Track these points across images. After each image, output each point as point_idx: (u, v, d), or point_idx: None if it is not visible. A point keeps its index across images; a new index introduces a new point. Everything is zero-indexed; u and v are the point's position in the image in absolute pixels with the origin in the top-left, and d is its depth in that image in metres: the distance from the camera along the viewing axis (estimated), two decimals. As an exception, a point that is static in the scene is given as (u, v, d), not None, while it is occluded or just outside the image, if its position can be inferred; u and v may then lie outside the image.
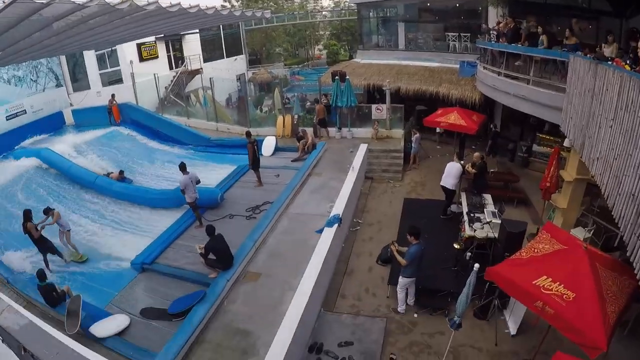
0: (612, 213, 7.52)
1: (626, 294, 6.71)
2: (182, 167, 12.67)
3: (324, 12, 53.95)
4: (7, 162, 18.37)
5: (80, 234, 13.55)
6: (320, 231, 11.28)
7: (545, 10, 18.86)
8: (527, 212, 14.50)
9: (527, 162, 17.92)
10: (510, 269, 7.37)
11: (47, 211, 12.37)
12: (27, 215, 11.82)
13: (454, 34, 23.74)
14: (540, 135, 17.60)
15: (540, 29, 13.97)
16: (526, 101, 13.75)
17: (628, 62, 8.23)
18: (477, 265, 7.25)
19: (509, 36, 15.56)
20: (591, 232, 11.29)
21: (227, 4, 46.54)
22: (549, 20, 18.10)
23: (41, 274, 9.56)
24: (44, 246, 11.92)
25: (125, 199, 15.86)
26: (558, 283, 6.48)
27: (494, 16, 20.09)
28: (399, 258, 9.35)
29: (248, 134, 15.65)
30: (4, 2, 7.09)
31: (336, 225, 11.35)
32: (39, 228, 11.76)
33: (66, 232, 12.57)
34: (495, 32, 16.88)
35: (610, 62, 8.64)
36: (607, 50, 10.39)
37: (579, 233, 11.13)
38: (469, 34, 22.98)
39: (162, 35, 27.71)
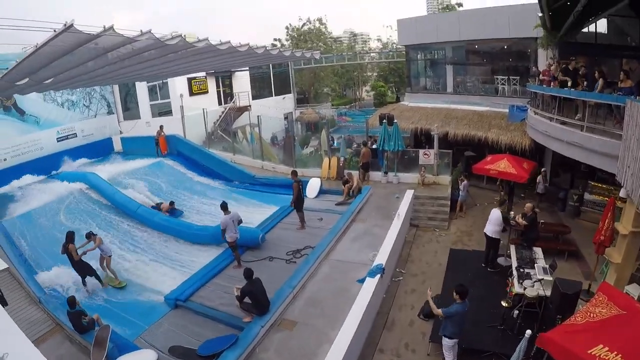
0: None
1: None
2: (224, 207, 12.75)
3: (372, 54, 54.59)
4: (54, 183, 19.29)
5: (116, 262, 13.68)
6: (362, 281, 10.87)
7: (595, 51, 18.42)
8: (578, 266, 13.66)
9: (579, 211, 17.14)
10: (564, 336, 6.79)
11: (89, 235, 12.77)
12: (70, 237, 12.19)
13: (503, 77, 23.46)
14: (593, 184, 16.86)
15: (597, 73, 13.43)
16: (580, 148, 13.12)
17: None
18: (528, 332, 6.76)
19: (560, 80, 15.09)
20: None
21: (277, 43, 48.11)
22: (599, 61, 17.53)
23: (72, 301, 9.70)
24: (83, 269, 12.24)
25: (165, 231, 16.07)
26: (615, 353, 5.91)
27: (544, 58, 19.67)
28: (432, 306, 8.81)
29: (294, 173, 15.68)
30: (55, 31, 7.42)
31: (378, 275, 10.95)
32: (79, 252, 12.11)
33: (107, 257, 12.84)
34: (546, 77, 16.38)
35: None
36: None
37: (634, 290, 10.39)
38: (518, 77, 22.67)
39: (213, 71, 28.56)
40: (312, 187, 19.21)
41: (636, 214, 9.89)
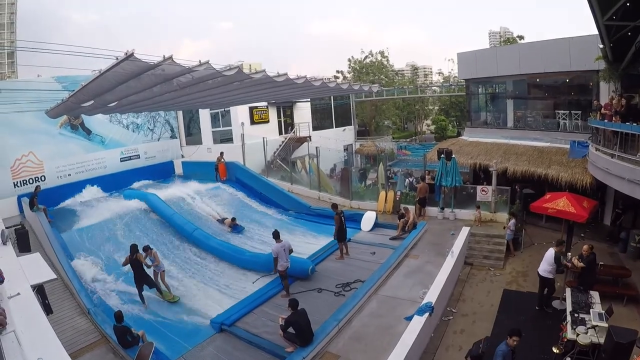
0: None
1: None
2: (276, 235, 13.10)
3: (433, 87, 54.46)
4: (117, 200, 20.58)
5: (168, 281, 14.18)
6: (410, 319, 10.73)
7: None
8: (637, 311, 12.83)
9: None
10: None
11: (146, 249, 13.53)
12: (135, 248, 12.92)
13: (564, 111, 22.81)
14: None
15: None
16: (642, 187, 12.54)
17: None
18: None
19: (622, 114, 14.63)
20: None
21: (339, 75, 48.92)
22: None
23: (119, 316, 10.19)
24: (145, 280, 12.93)
25: (218, 255, 16.63)
26: None
27: (606, 91, 19.16)
28: None
29: (334, 206, 16.08)
30: (117, 58, 8.09)
31: (427, 314, 10.82)
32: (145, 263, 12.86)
33: (161, 272, 13.60)
34: (608, 112, 15.88)
35: None
36: None
37: None
38: (579, 112, 22.01)
39: (274, 101, 29.37)
40: (367, 220, 19.28)
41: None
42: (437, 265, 13.89)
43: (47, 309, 9.14)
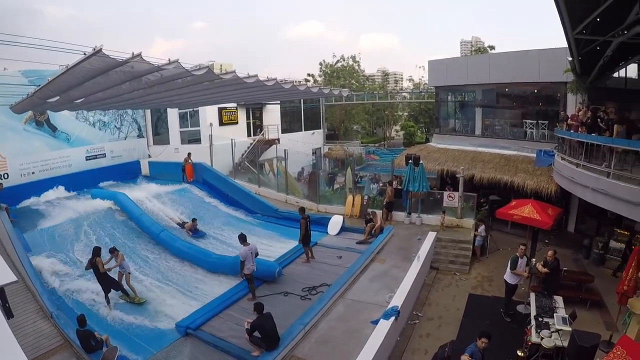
0: None
1: None
2: (243, 238, 12.94)
3: (403, 93, 54.93)
4: (83, 200, 19.94)
5: (133, 284, 13.81)
6: (376, 322, 10.66)
7: (625, 96, 18.36)
8: (600, 315, 13.22)
9: (604, 259, 16.79)
10: None
11: (113, 251, 13.25)
12: (97, 252, 12.60)
13: (532, 121, 23.28)
14: (619, 231, 16.64)
15: (614, 117, 13.34)
16: (605, 196, 12.78)
17: None
18: None
19: (588, 125, 14.95)
20: None
21: (310, 78, 48.91)
22: (630, 106, 17.34)
23: (82, 319, 9.83)
24: (109, 283, 12.57)
25: (184, 257, 16.28)
26: None
27: (573, 103, 19.63)
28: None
29: (301, 210, 15.95)
30: (85, 54, 7.79)
31: (393, 318, 10.74)
32: (105, 267, 12.47)
33: (126, 274, 13.22)
34: (574, 123, 16.24)
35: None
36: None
37: None
38: (546, 122, 22.52)
39: (244, 102, 29.11)
40: (334, 224, 19.19)
41: (662, 264, 9.58)
42: (403, 270, 13.84)
43: (8, 313, 8.77)
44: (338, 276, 13.84)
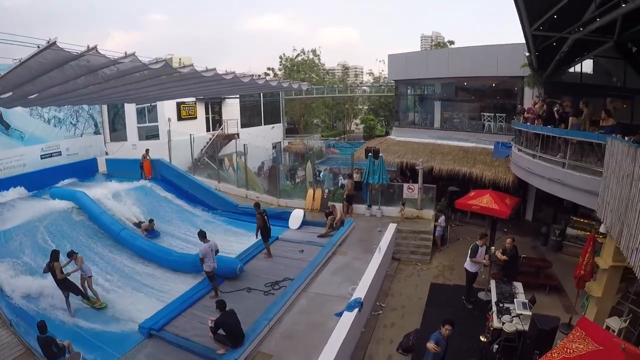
0: None
1: None
2: (202, 235, 12.64)
3: (363, 87, 55.15)
4: (39, 201, 19.08)
5: (94, 286, 13.27)
6: (340, 315, 10.62)
7: (580, 90, 19.00)
8: (559, 299, 13.71)
9: (561, 246, 17.45)
10: None
11: (71, 254, 12.69)
12: (55, 255, 12.11)
13: (490, 114, 23.79)
14: (575, 218, 17.25)
15: (570, 110, 13.75)
16: (561, 185, 13.19)
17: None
18: None
19: (544, 118, 15.30)
20: (627, 322, 10.51)
21: (270, 72, 48.56)
22: (584, 100, 18.01)
23: (42, 326, 9.42)
24: (68, 288, 12.05)
25: (145, 256, 15.78)
26: None
27: (530, 96, 20.12)
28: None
29: (257, 205, 15.75)
30: (38, 47, 7.41)
31: (357, 309, 10.73)
32: (64, 271, 11.96)
33: (87, 277, 12.65)
34: (530, 115, 16.63)
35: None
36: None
37: (615, 323, 10.47)
38: (504, 114, 23.05)
39: (202, 97, 28.56)
40: (295, 218, 19.03)
41: (616, 249, 9.87)
42: (365, 262, 13.89)
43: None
44: (300, 270, 13.72)
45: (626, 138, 9.65)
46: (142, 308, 12.44)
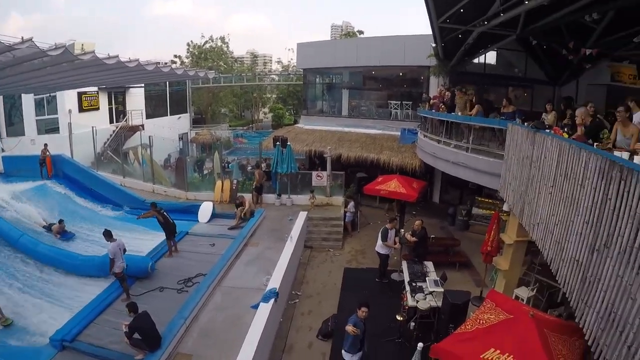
0: (557, 278, 7.40)
1: (578, 354, 6.63)
2: (108, 234, 11.72)
3: (272, 76, 54.87)
4: None
5: None
6: (256, 306, 10.47)
7: (484, 79, 20.54)
8: (469, 275, 14.51)
9: (468, 225, 18.43)
10: (456, 344, 6.99)
11: None
12: None
13: (396, 102, 24.57)
14: (480, 199, 18.28)
15: (474, 98, 14.51)
16: (465, 168, 13.85)
17: (566, 129, 8.27)
18: (420, 345, 6.84)
19: (448, 105, 15.96)
20: (534, 290, 11.31)
21: (177, 59, 46.93)
22: (488, 89, 19.01)
23: None
24: None
25: (49, 262, 14.36)
26: (507, 354, 6.18)
27: (436, 85, 20.99)
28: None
29: (153, 205, 15.15)
30: None
31: (273, 300, 10.61)
32: None
33: None
34: (436, 101, 17.29)
35: (549, 131, 8.68)
36: (547, 119, 10.61)
37: (523, 292, 11.20)
38: (410, 102, 23.88)
39: (105, 86, 26.93)
40: (204, 211, 18.48)
41: (519, 225, 10.58)
42: (278, 251, 13.80)
43: None
44: (213, 264, 13.30)
45: (526, 124, 10.24)
46: (52, 319, 11.38)
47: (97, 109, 28.81)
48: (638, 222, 4.91)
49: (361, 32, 50.13)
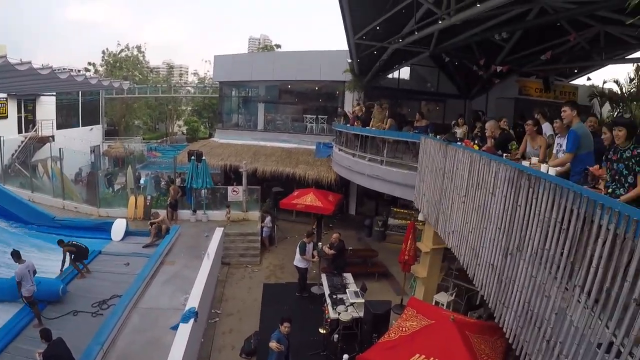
0: (474, 282, 7.76)
1: (500, 353, 6.96)
2: (16, 255, 10.87)
3: (187, 87, 53.83)
4: None
5: None
6: (176, 327, 10.11)
7: (397, 94, 21.51)
8: (389, 284, 14.91)
9: (384, 235, 19.03)
10: (381, 353, 7.16)
11: None
12: None
13: (312, 116, 24.93)
14: (395, 210, 18.99)
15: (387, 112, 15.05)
16: (380, 180, 14.23)
17: (476, 141, 8.75)
18: (346, 356, 6.97)
19: (362, 119, 16.40)
20: (453, 295, 11.81)
21: (91, 67, 44.80)
22: (401, 103, 19.77)
23: None
24: None
25: None
26: (433, 358, 6.38)
27: (351, 100, 21.60)
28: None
29: (60, 243, 14.06)
30: None
31: (192, 320, 10.31)
32: None
33: None
34: (351, 116, 17.72)
35: (460, 143, 9.15)
36: (459, 132, 11.23)
37: (443, 298, 11.63)
38: (326, 116, 24.29)
39: (15, 92, 25.08)
40: (118, 228, 17.64)
41: (434, 234, 11.06)
42: (195, 269, 13.47)
43: None
44: (128, 285, 12.67)
45: (438, 137, 10.75)
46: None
47: (6, 117, 26.72)
48: (547, 226, 5.29)
49: (278, 46, 50.49)
